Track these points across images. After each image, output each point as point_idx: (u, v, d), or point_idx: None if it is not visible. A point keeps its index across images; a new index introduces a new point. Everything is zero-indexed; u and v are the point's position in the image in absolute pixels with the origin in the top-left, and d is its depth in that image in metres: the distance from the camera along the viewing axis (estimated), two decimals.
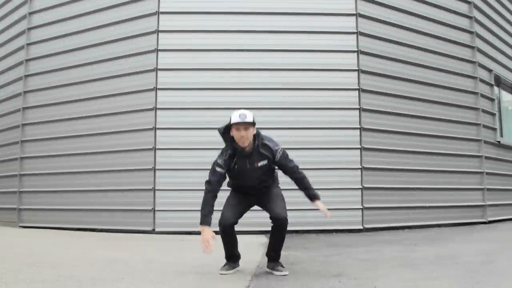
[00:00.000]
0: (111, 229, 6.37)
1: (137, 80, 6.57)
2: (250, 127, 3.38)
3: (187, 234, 6.01)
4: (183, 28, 6.51)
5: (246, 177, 3.48)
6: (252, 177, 3.47)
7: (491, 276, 3.27)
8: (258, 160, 3.45)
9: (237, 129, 3.35)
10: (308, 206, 5.59)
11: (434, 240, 5.47)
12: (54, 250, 4.69)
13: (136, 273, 3.42)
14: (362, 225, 6.26)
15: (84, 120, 6.91)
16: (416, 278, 3.26)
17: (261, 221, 5.19)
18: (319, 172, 6.25)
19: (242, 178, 3.50)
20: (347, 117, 6.43)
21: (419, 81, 7.08)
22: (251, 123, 3.37)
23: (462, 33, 7.74)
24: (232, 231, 3.51)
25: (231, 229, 3.48)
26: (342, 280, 3.19)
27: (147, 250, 4.74)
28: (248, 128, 3.36)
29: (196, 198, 6.09)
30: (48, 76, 7.37)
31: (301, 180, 3.55)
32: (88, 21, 7.07)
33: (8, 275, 3.16)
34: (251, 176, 3.47)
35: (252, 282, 3.21)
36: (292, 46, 6.47)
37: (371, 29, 6.72)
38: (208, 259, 4.11)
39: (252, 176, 3.47)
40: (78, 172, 6.84)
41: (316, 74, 6.44)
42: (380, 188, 6.50)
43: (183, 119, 6.34)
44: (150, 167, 6.30)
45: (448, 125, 7.31)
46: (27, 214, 7.27)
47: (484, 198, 7.54)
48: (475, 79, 7.80)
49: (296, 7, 6.58)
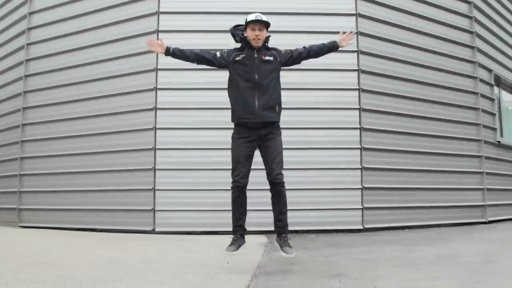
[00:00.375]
0: (111, 229, 6.37)
1: (137, 80, 6.57)
2: (264, 29, 3.57)
3: (187, 234, 6.02)
4: (183, 28, 6.50)
5: (252, 70, 3.55)
6: (259, 70, 3.55)
7: (491, 276, 3.27)
8: (265, 55, 3.60)
9: (253, 29, 3.55)
10: (308, 206, 5.62)
11: (434, 240, 5.47)
12: (54, 250, 4.69)
13: (136, 273, 3.42)
14: (362, 225, 6.26)
15: (84, 120, 6.91)
16: (416, 278, 3.26)
17: (261, 221, 5.22)
18: (319, 172, 6.26)
19: (247, 71, 3.56)
20: (347, 117, 6.43)
21: (419, 81, 7.09)
22: (266, 23, 3.56)
23: (462, 33, 7.74)
24: (245, 194, 3.59)
25: (244, 192, 3.58)
26: (342, 280, 3.19)
27: (147, 250, 4.74)
28: (262, 29, 3.56)
29: (196, 198, 6.20)
30: (48, 76, 7.37)
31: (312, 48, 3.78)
32: (88, 21, 7.07)
33: (8, 275, 3.16)
34: (257, 69, 3.55)
35: (252, 282, 3.20)
36: (292, 46, 6.40)
37: (371, 29, 6.72)
38: (208, 259, 4.11)
39: (259, 69, 3.55)
40: (78, 172, 6.84)
41: (316, 74, 6.43)
42: (380, 188, 6.50)
43: (183, 119, 6.34)
44: (150, 167, 6.30)
45: (448, 125, 7.31)
46: (27, 214, 7.27)
47: (484, 198, 7.54)
48: (475, 79, 7.80)
49: (296, 7, 6.58)
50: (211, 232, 5.99)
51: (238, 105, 3.62)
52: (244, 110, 3.58)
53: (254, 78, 3.55)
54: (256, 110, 3.54)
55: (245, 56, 3.60)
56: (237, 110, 3.62)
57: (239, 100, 3.61)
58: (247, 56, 3.59)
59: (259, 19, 3.53)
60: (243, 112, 3.58)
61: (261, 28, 3.55)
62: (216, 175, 6.05)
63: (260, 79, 3.56)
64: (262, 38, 3.57)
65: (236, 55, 3.63)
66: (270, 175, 3.56)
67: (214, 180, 6.07)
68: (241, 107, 3.59)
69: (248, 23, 3.56)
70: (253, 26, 3.54)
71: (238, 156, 3.58)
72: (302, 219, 5.86)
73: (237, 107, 3.63)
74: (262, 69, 3.58)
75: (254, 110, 3.54)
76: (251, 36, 3.55)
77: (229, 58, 3.63)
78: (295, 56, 3.74)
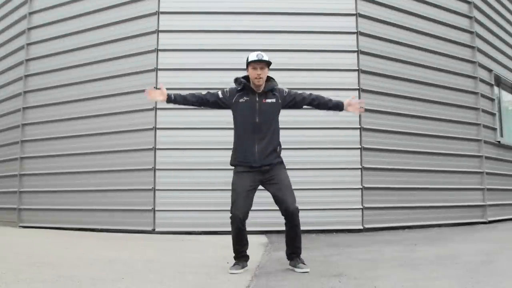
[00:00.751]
0: (111, 229, 6.37)
1: (137, 80, 6.56)
2: (266, 67, 3.55)
3: (187, 234, 6.02)
4: (183, 28, 6.51)
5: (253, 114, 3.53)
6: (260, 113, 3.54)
7: (491, 276, 3.27)
8: (267, 98, 3.58)
9: (254, 68, 3.52)
10: (308, 206, 5.61)
11: (434, 240, 5.47)
12: (54, 250, 4.69)
13: (136, 273, 3.42)
14: (362, 225, 6.26)
15: (84, 120, 6.91)
16: (416, 278, 3.26)
17: (261, 221, 5.23)
18: (319, 172, 6.26)
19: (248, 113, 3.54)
20: (347, 117, 6.40)
21: (419, 81, 7.08)
22: (267, 62, 3.53)
23: (462, 33, 7.74)
24: (245, 227, 3.52)
25: (244, 224, 3.49)
26: (342, 280, 3.19)
27: (147, 250, 4.74)
28: (264, 68, 3.53)
29: (196, 198, 6.19)
30: (48, 76, 7.37)
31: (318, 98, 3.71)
32: (88, 21, 7.07)
33: (8, 275, 3.16)
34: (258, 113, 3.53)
35: (252, 282, 3.20)
36: (292, 46, 6.47)
37: (371, 29, 6.72)
38: (208, 259, 4.11)
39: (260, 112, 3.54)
40: (78, 172, 6.84)
41: (316, 74, 6.44)
42: (380, 188, 6.50)
43: (183, 119, 6.34)
44: (150, 167, 6.30)
45: (448, 125, 7.31)
46: (27, 214, 7.27)
47: (484, 198, 7.54)
48: (475, 79, 7.80)
49: (296, 7, 6.58)
50: (211, 232, 5.99)
51: (238, 148, 3.58)
52: (244, 154, 3.53)
53: (255, 121, 3.54)
54: (255, 156, 3.51)
55: (248, 99, 3.57)
56: (238, 152, 3.58)
57: (239, 143, 3.58)
58: (250, 99, 3.57)
59: (260, 58, 3.51)
60: (243, 157, 3.53)
61: (263, 67, 3.52)
62: (216, 175, 6.05)
63: (260, 122, 3.54)
64: (264, 77, 3.55)
65: (240, 96, 3.60)
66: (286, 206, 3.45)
67: (214, 180, 6.06)
68: (241, 151, 3.55)
69: (249, 62, 3.54)
70: (254, 65, 3.52)
71: (238, 189, 3.49)
72: (302, 219, 5.74)
73: (237, 150, 3.59)
74: (263, 112, 3.55)
75: (254, 155, 3.51)
76: (252, 75, 3.54)
77: (231, 99, 3.60)
78: (298, 101, 3.70)
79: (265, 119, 3.55)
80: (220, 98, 3.63)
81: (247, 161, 3.51)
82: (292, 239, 3.60)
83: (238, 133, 3.61)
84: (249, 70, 3.55)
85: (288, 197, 3.47)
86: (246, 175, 3.52)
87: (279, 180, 3.52)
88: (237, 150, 3.60)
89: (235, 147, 3.63)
